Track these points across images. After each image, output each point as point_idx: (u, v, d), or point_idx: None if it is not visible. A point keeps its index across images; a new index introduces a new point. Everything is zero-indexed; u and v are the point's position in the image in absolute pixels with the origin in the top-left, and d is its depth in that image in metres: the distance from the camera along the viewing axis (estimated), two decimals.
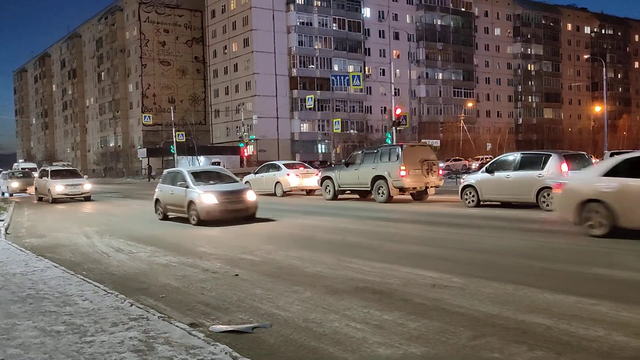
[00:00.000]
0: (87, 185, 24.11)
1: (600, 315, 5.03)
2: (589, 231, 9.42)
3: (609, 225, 9.17)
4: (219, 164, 53.53)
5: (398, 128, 35.03)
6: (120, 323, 4.94)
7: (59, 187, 23.22)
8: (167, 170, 16.58)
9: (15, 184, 31.15)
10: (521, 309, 5.32)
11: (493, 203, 15.94)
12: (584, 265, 7.31)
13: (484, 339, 4.52)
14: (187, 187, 13.66)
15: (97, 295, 6.05)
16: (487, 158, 46.93)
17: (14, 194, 30.62)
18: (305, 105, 55.38)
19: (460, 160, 54.93)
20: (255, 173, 25.85)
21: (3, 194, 31.61)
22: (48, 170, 24.71)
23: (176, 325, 4.86)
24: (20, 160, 75.57)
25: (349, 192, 20.87)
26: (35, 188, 25.71)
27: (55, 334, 4.69)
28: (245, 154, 57.81)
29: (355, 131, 71.07)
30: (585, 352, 4.17)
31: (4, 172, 37.22)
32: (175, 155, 57.27)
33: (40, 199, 24.89)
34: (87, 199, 23.99)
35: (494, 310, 5.30)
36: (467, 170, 38.50)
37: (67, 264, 8.39)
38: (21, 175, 33.65)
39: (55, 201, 23.16)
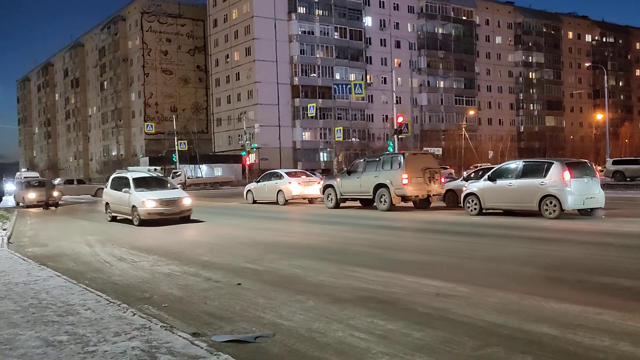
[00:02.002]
0: (187, 200, 16.80)
1: (606, 325, 4.99)
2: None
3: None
4: (178, 175, 50.43)
5: (400, 136, 35.04)
6: (122, 333, 4.91)
7: (150, 202, 16.02)
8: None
9: (32, 195, 27.76)
10: (527, 318, 5.28)
11: (495, 211, 15.91)
12: (588, 273, 7.27)
13: (489, 348, 4.48)
14: None
15: (99, 305, 6.02)
16: (479, 167, 46.06)
17: (29, 207, 27.25)
18: (307, 113, 55.46)
19: (447, 168, 53.60)
20: (258, 181, 25.89)
21: (18, 204, 28.92)
22: (128, 178, 17.57)
23: (179, 335, 4.83)
24: (23, 170, 75.65)
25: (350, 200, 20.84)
26: (107, 203, 18.68)
27: (57, 344, 4.66)
28: (247, 163, 57.85)
29: (357, 139, 71.15)
30: None
31: (18, 180, 34.76)
32: (178, 163, 57.31)
33: (114, 218, 18.08)
34: (187, 218, 16.84)
35: (499, 320, 5.26)
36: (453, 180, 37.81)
37: (69, 273, 8.37)
38: (37, 184, 29.78)
39: (144, 223, 15.99)
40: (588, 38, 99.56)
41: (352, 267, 8.37)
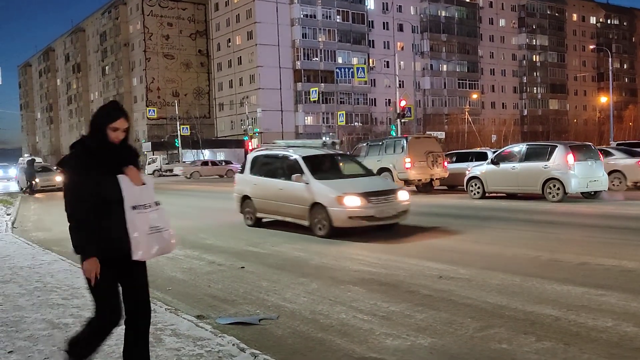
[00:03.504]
0: (403, 194, 10.14)
1: (608, 306, 5.01)
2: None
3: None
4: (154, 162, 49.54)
5: (403, 120, 34.96)
6: None
7: (352, 199, 9.45)
8: None
9: (36, 180, 27.16)
10: (529, 300, 5.30)
11: (498, 194, 15.90)
12: (591, 256, 7.27)
13: (491, 329, 4.51)
14: None
15: None
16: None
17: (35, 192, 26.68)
18: (310, 98, 55.29)
19: None
20: None
21: (22, 189, 28.53)
22: (295, 159, 10.60)
23: (183, 317, 4.87)
24: (26, 155, 75.70)
25: None
26: (244, 199, 11.81)
27: (63, 326, 4.71)
28: (250, 147, 57.77)
29: (359, 124, 70.92)
30: (594, 342, 4.15)
31: (22, 165, 35.00)
32: (180, 149, 57.30)
33: (257, 222, 11.48)
34: (393, 225, 10.13)
35: (502, 302, 5.28)
36: None
37: (74, 257, 8.36)
38: (40, 169, 29.43)
39: (336, 233, 9.55)
40: (592, 20, 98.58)
41: (354, 250, 8.40)
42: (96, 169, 3.05)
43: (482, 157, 19.12)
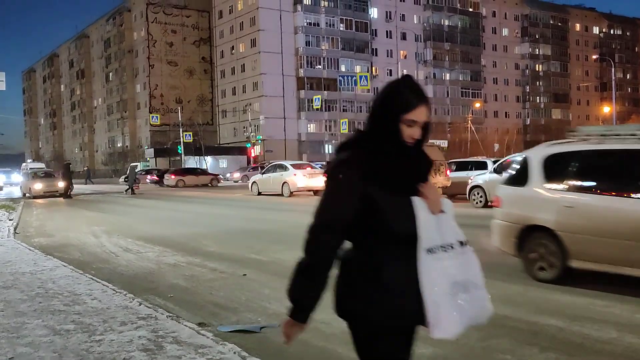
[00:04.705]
0: None
1: (613, 317, 4.98)
2: None
3: None
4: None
5: None
6: (129, 322, 4.94)
7: None
8: None
9: (38, 186, 27.64)
10: (532, 310, 5.27)
11: None
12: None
13: (494, 340, 4.47)
14: None
15: (105, 295, 6.04)
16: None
17: (35, 197, 27.12)
18: (313, 105, 55.45)
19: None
20: (263, 173, 25.90)
21: (25, 194, 28.92)
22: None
23: (185, 325, 4.84)
24: (29, 161, 75.86)
25: None
26: (528, 232, 6.70)
27: (64, 333, 4.69)
28: (252, 155, 57.88)
29: None
30: (598, 354, 4.12)
31: (24, 171, 35.33)
32: (183, 155, 57.39)
33: (563, 273, 6.34)
34: None
35: (505, 312, 5.24)
36: None
37: (75, 264, 8.40)
38: (44, 174, 29.84)
39: None
40: (595, 30, 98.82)
41: None
42: (381, 185, 1.97)
43: (481, 166, 19.18)
